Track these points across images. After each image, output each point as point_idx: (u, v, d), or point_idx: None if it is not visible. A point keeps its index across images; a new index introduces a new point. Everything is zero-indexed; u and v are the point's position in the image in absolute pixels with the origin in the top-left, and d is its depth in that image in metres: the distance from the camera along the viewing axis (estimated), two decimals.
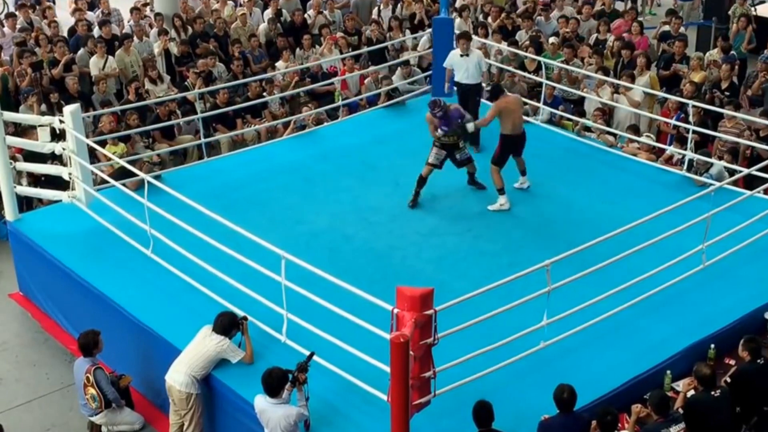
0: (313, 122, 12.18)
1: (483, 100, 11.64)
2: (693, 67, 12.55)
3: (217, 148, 12.29)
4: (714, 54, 13.19)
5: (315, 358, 6.84)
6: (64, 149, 9.28)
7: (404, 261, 8.94)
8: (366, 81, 13.57)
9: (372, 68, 13.52)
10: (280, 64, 13.53)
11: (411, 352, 5.89)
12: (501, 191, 9.90)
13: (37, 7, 15.55)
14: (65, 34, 14.39)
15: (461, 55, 11.30)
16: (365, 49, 14.13)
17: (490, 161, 9.98)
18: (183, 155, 12.29)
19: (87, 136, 9.84)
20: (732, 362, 7.50)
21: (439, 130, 9.88)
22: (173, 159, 12.18)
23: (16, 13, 14.78)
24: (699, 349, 7.55)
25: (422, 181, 9.97)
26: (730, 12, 15.21)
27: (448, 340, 6.40)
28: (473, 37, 13.65)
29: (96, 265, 8.73)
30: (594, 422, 6.42)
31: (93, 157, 10.14)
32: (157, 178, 9.42)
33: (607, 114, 12.01)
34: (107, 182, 9.45)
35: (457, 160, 10.11)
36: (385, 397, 6.38)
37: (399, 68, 13.41)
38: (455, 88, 11.55)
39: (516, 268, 7.21)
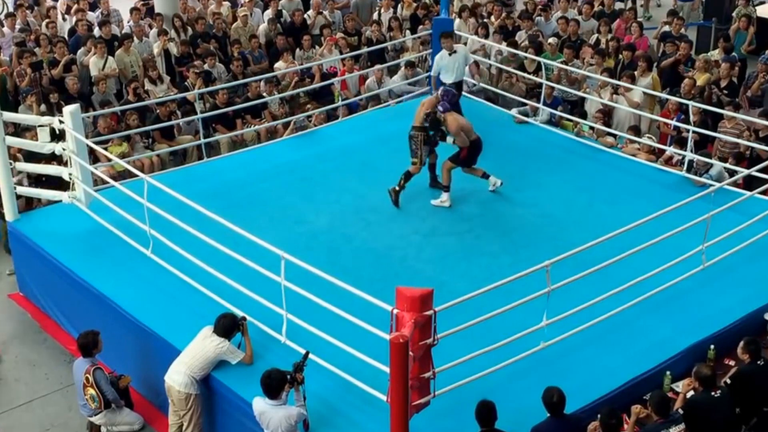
0: (315, 122, 12.19)
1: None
2: (698, 68, 12.53)
3: (216, 149, 12.28)
4: (715, 54, 13.19)
5: (315, 358, 6.85)
6: (63, 149, 9.27)
7: (404, 261, 8.94)
8: (367, 81, 13.58)
9: (376, 67, 13.49)
10: (279, 64, 13.53)
11: (410, 353, 5.89)
12: (446, 189, 9.95)
13: (36, 7, 15.56)
14: (65, 34, 14.40)
15: (450, 54, 11.29)
16: (365, 49, 14.14)
17: (449, 158, 9.98)
18: (183, 155, 12.29)
19: (87, 137, 9.84)
20: (731, 363, 7.49)
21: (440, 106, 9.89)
22: (173, 159, 12.19)
23: (15, 13, 14.79)
24: (699, 350, 7.55)
25: (410, 177, 9.97)
26: (734, 14, 15.19)
27: (448, 341, 6.40)
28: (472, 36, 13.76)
29: (96, 265, 8.72)
30: (596, 423, 6.41)
31: (93, 157, 10.15)
32: None
33: (607, 115, 12.01)
34: (107, 182, 9.45)
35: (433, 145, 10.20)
36: (384, 398, 6.38)
37: (402, 68, 13.42)
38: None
39: (516, 269, 7.21)
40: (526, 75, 12.80)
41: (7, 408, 8.36)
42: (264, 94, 12.75)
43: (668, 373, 7.32)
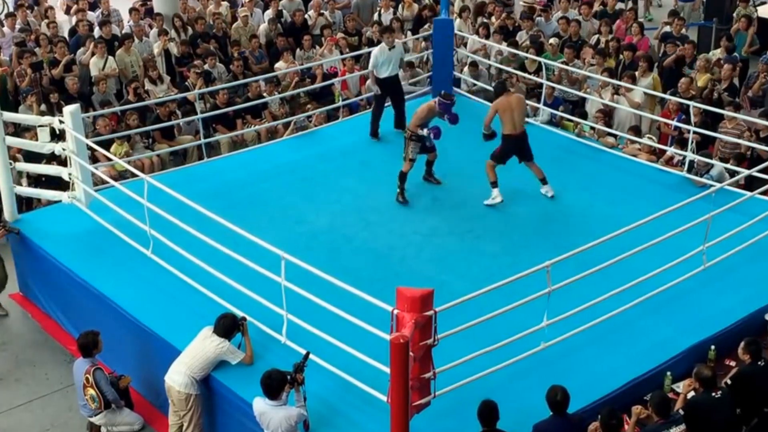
0: (316, 123, 12.18)
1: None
2: (699, 68, 12.52)
3: (217, 149, 12.28)
4: (717, 54, 13.18)
5: (315, 358, 6.84)
6: (63, 149, 9.27)
7: (404, 261, 8.93)
8: (368, 81, 13.55)
9: None
10: (280, 64, 13.53)
11: (411, 353, 5.88)
12: (494, 185, 9.93)
13: (36, 7, 15.56)
14: (65, 34, 14.40)
15: (390, 49, 11.44)
16: (366, 49, 14.12)
17: (490, 155, 10.00)
18: (183, 155, 12.29)
19: (86, 137, 9.83)
20: (732, 363, 7.48)
21: (426, 129, 9.90)
22: (173, 159, 12.18)
23: (16, 13, 14.79)
24: (699, 350, 7.54)
25: (404, 176, 10.01)
26: (734, 14, 15.18)
27: (448, 341, 6.39)
28: (475, 36, 13.75)
29: (96, 266, 8.72)
30: (596, 423, 6.40)
31: (93, 157, 10.14)
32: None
33: (608, 115, 12.00)
34: (107, 182, 9.44)
35: (426, 147, 10.16)
36: (384, 398, 6.37)
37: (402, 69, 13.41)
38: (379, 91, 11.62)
39: (516, 269, 7.20)
40: (526, 75, 12.79)
41: (7, 408, 8.35)
42: (264, 94, 12.74)
43: (669, 373, 7.31)
